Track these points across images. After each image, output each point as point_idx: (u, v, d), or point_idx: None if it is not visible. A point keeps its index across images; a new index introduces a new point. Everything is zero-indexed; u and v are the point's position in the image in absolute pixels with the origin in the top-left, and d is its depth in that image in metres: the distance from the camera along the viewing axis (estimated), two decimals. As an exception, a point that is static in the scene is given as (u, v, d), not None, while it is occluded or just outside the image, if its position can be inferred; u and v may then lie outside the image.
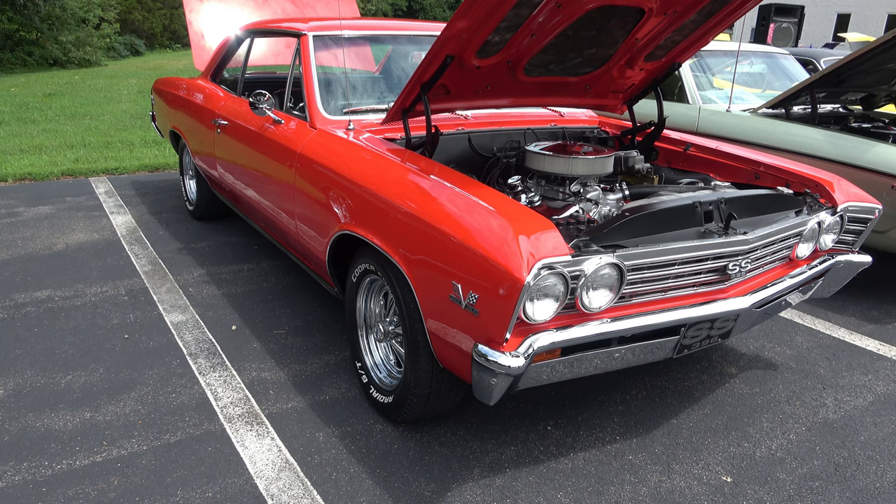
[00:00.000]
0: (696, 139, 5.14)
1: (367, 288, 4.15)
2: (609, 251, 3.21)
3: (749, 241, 3.66)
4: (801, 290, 4.22)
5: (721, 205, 3.73)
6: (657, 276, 3.44)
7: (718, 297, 3.66)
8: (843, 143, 6.03)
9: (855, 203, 4.31)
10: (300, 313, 5.38)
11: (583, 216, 3.83)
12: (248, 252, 6.70)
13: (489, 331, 3.06)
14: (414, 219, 3.45)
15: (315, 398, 4.26)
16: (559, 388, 4.44)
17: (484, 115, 5.07)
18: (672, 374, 4.70)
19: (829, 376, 4.78)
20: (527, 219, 3.17)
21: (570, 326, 3.17)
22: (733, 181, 4.65)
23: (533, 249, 2.97)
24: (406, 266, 3.48)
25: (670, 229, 3.52)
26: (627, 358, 3.43)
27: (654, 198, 3.88)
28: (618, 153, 4.64)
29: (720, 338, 3.80)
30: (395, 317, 3.99)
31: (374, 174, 3.90)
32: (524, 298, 2.93)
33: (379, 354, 4.19)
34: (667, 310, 3.46)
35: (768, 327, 5.49)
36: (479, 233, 3.11)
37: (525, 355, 3.00)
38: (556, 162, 4.18)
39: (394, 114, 4.25)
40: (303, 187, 4.55)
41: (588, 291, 3.18)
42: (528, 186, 4.25)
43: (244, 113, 5.63)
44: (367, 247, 3.96)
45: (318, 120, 4.70)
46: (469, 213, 3.25)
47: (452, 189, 3.46)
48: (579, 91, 4.69)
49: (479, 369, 3.06)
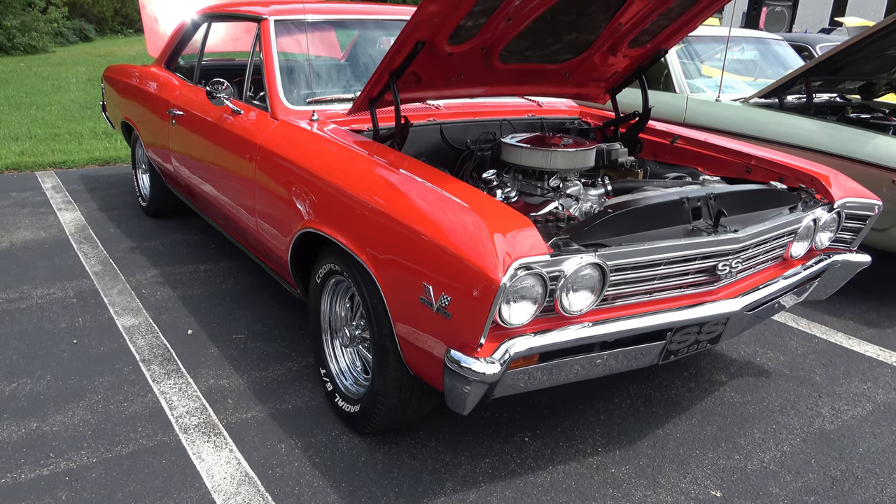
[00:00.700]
0: (683, 131, 5.16)
1: (331, 289, 4.13)
2: (590, 250, 3.20)
3: (740, 239, 3.66)
4: (796, 292, 4.23)
5: (710, 201, 3.72)
6: (642, 277, 3.43)
7: (707, 299, 3.66)
8: (841, 135, 6.04)
9: (853, 199, 4.33)
10: (260, 316, 5.37)
11: (562, 213, 3.82)
12: (205, 251, 6.69)
13: (462, 335, 3.04)
14: (382, 216, 3.43)
15: (276, 407, 4.24)
16: (537, 397, 4.43)
17: (457, 104, 5.06)
18: (658, 382, 4.70)
19: (825, 384, 4.80)
20: (502, 216, 3.17)
21: (549, 331, 3.16)
22: (723, 175, 4.66)
23: (509, 248, 2.96)
24: (374, 266, 3.47)
25: (656, 227, 3.50)
26: (610, 364, 3.42)
27: (639, 193, 3.89)
28: (600, 146, 4.62)
29: (709, 343, 3.80)
30: (362, 320, 3.97)
31: (339, 168, 3.89)
32: (500, 301, 2.92)
33: (345, 361, 4.18)
34: (652, 313, 3.46)
35: (760, 332, 5.50)
36: (452, 231, 3.10)
37: (501, 361, 2.99)
38: (534, 155, 4.18)
39: (360, 104, 4.23)
40: (263, 182, 4.54)
41: (568, 293, 3.17)
42: (503, 181, 4.25)
43: (201, 102, 5.61)
44: (332, 245, 3.94)
45: (279, 110, 4.69)
46: (441, 210, 3.24)
47: (423, 184, 3.45)
48: (559, 79, 4.69)
49: (452, 376, 3.05)
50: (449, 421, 4.17)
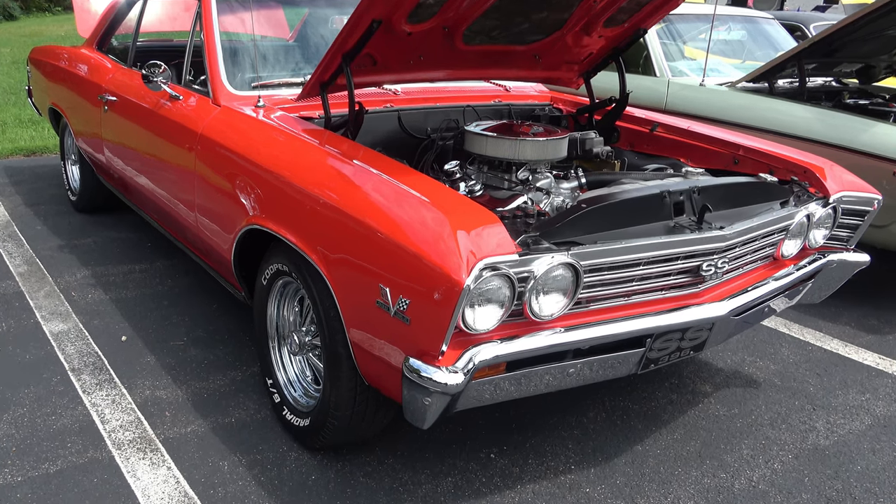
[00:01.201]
0: (664, 118, 5.19)
1: (279, 292, 4.11)
2: (562, 249, 3.18)
3: (726, 237, 3.65)
4: (788, 295, 4.25)
5: (693, 195, 3.72)
6: (619, 279, 3.42)
7: (691, 302, 3.66)
8: (837, 123, 6.07)
9: (850, 193, 4.34)
10: (201, 322, 5.36)
11: (532, 208, 3.81)
12: (141, 250, 6.65)
13: (422, 342, 3.03)
14: (334, 211, 3.42)
15: (219, 421, 4.22)
16: (504, 410, 4.41)
17: (416, 89, 5.04)
18: (636, 394, 4.69)
19: (819, 395, 4.81)
20: (466, 211, 3.16)
21: (518, 337, 3.15)
22: (708, 167, 4.67)
23: (473, 247, 2.95)
24: (325, 266, 3.45)
25: (634, 223, 3.50)
26: (584, 374, 3.41)
27: (616, 187, 3.89)
28: (573, 134, 4.63)
29: (692, 350, 3.80)
30: (313, 326, 3.95)
31: (287, 159, 3.88)
32: (463, 304, 2.90)
33: (293, 370, 4.15)
34: (630, 317, 3.45)
35: (749, 338, 5.52)
36: (411, 227, 3.09)
37: (464, 371, 2.98)
38: (501, 145, 4.16)
39: (311, 88, 4.22)
40: (204, 174, 4.52)
41: (538, 296, 3.15)
42: (467, 173, 4.24)
43: (136, 87, 5.57)
44: (279, 244, 3.91)
45: (222, 95, 4.67)
46: (399, 205, 3.23)
47: (379, 176, 3.45)
48: (528, 62, 4.70)
49: (411, 387, 3.04)
50: (408, 436, 4.14)
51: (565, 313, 3.28)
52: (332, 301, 3.47)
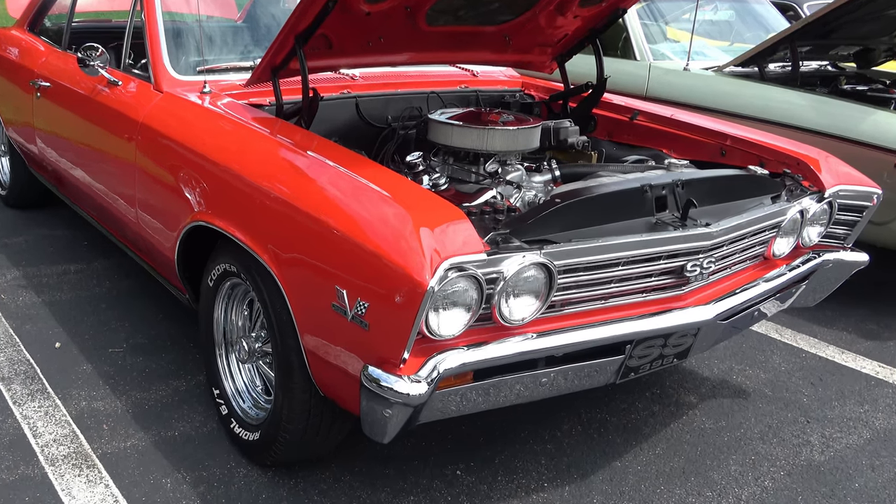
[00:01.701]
0: (645, 105, 5.24)
1: (226, 294, 4.10)
2: (534, 248, 3.17)
3: (712, 234, 3.65)
4: (780, 298, 4.27)
5: (677, 189, 3.73)
6: (596, 280, 3.42)
7: (674, 305, 3.67)
8: (833, 111, 6.09)
9: (847, 186, 4.37)
10: (142, 327, 5.34)
11: (501, 203, 3.79)
12: (77, 249, 6.61)
13: (382, 349, 3.02)
14: (286, 206, 3.41)
15: (161, 434, 4.20)
16: (472, 422, 4.38)
17: (376, 74, 5.04)
18: (615, 405, 4.70)
19: (814, 407, 4.82)
20: (430, 207, 3.17)
21: (486, 344, 3.14)
22: (692, 159, 4.69)
23: (438, 245, 2.93)
24: (276, 266, 3.44)
25: (612, 220, 3.49)
26: (558, 384, 3.40)
27: (592, 180, 3.92)
28: (546, 123, 4.66)
29: (676, 358, 3.81)
30: (263, 331, 3.95)
31: (235, 149, 3.87)
32: (427, 307, 2.88)
33: (242, 379, 4.14)
34: (608, 322, 3.46)
35: (737, 345, 5.53)
36: (370, 224, 3.09)
37: (428, 380, 2.96)
38: (468, 134, 4.16)
39: (261, 73, 4.20)
40: (145, 166, 4.50)
41: (508, 299, 3.15)
42: (431, 165, 4.23)
43: (71, 72, 5.53)
44: (227, 242, 3.88)
45: (164, 81, 4.65)
46: (357, 200, 3.22)
47: (336, 169, 3.44)
48: (497, 44, 4.71)
49: (370, 398, 3.02)
50: (367, 451, 4.13)
51: (537, 318, 3.27)
52: (284, 304, 3.45)
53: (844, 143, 5.79)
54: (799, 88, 6.53)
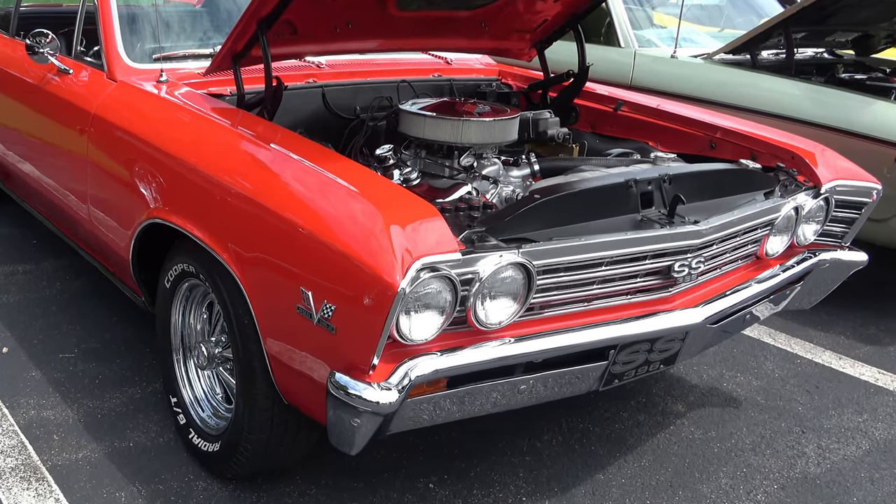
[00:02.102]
0: (630, 95, 5.27)
1: (185, 296, 4.10)
2: (512, 247, 3.16)
3: (702, 232, 3.65)
4: (773, 300, 4.28)
5: (664, 184, 3.73)
6: (577, 281, 3.41)
7: (660, 308, 3.67)
8: (829, 101, 6.10)
9: (845, 182, 4.38)
10: (94, 331, 5.32)
11: (477, 199, 3.79)
12: (25, 248, 6.60)
13: (350, 354, 3.02)
14: (248, 203, 3.40)
15: (115, 445, 4.18)
16: (446, 433, 4.40)
17: (344, 62, 5.03)
18: (598, 414, 4.70)
19: (810, 416, 4.83)
20: (401, 203, 3.17)
21: (460, 349, 3.14)
22: (680, 152, 4.70)
23: (409, 244, 2.93)
24: (237, 266, 3.42)
25: (595, 217, 3.50)
26: (538, 391, 3.40)
27: (574, 175, 3.91)
28: (524, 114, 4.67)
29: (663, 364, 3.82)
30: (224, 335, 3.92)
31: (194, 142, 3.87)
32: (398, 310, 2.88)
33: (201, 386, 4.14)
34: (591, 326, 3.45)
35: (728, 350, 5.55)
36: (337, 222, 3.08)
37: (399, 387, 2.95)
38: (441, 126, 4.15)
39: (221, 61, 4.20)
40: (98, 160, 4.49)
41: (484, 301, 3.14)
42: (402, 159, 4.24)
43: (19, 60, 5.51)
44: (185, 240, 3.86)
45: (118, 69, 4.62)
46: (323, 196, 3.23)
47: (301, 163, 3.44)
48: (472, 30, 4.73)
49: (337, 406, 3.02)
50: (334, 463, 4.12)
51: (515, 321, 3.26)
52: (246, 307, 3.44)
53: (842, 136, 5.80)
54: (793, 77, 6.54)
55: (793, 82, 6.41)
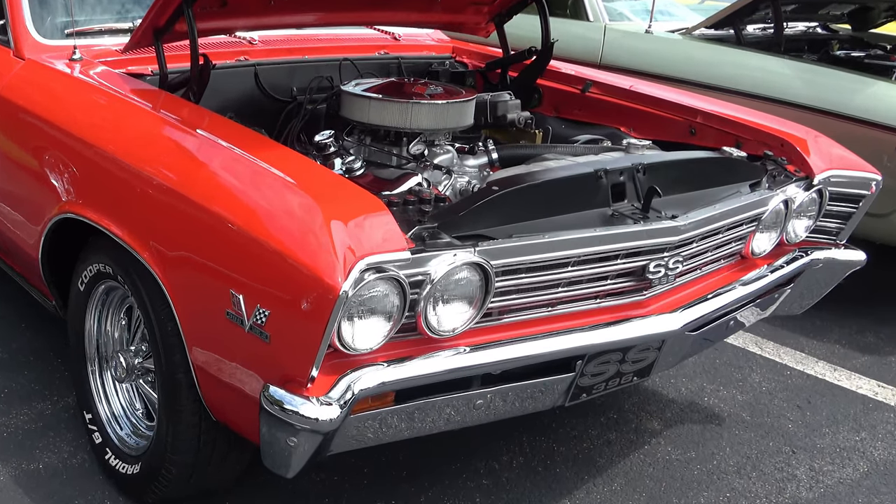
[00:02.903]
0: (600, 75, 5.30)
1: (101, 300, 4.07)
2: (468, 245, 3.15)
3: (680, 229, 3.65)
4: (760, 304, 4.30)
5: (637, 174, 3.74)
6: (541, 283, 3.41)
7: (634, 314, 3.67)
8: (823, 81, 6.13)
9: (840, 172, 4.41)
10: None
11: (428, 191, 3.73)
12: None
13: (286, 365, 3.00)
14: (172, 195, 3.36)
15: (22, 467, 4.17)
16: (393, 453, 4.40)
17: (279, 38, 5.05)
18: (564, 432, 4.70)
19: (801, 434, 4.85)
20: (343, 196, 3.17)
21: (410, 359, 3.12)
22: (656, 138, 4.72)
23: (353, 242, 2.91)
24: (160, 267, 3.40)
25: (561, 212, 3.50)
26: (496, 407, 3.40)
27: (536, 164, 3.94)
28: (481, 96, 4.70)
29: (636, 376, 3.83)
30: (145, 344, 3.90)
31: (111, 127, 3.84)
32: (339, 316, 2.86)
33: (119, 401, 4.12)
34: (556, 334, 3.45)
35: (709, 360, 5.57)
36: (271, 217, 3.07)
37: (340, 402, 2.93)
38: (388, 109, 4.15)
39: (141, 37, 4.18)
40: (3, 148, 4.48)
41: (436, 306, 3.13)
42: (344, 146, 4.26)
43: None
44: (101, 238, 3.83)
45: (26, 46, 4.59)
46: (256, 188, 3.21)
47: (230, 150, 3.41)
48: (423, 2, 4.76)
49: (272, 424, 3.00)
50: (268, 486, 4.11)
51: (471, 328, 3.26)
52: (170, 312, 3.42)
53: (837, 120, 5.83)
54: (783, 55, 6.57)
55: (782, 60, 6.43)
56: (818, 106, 5.97)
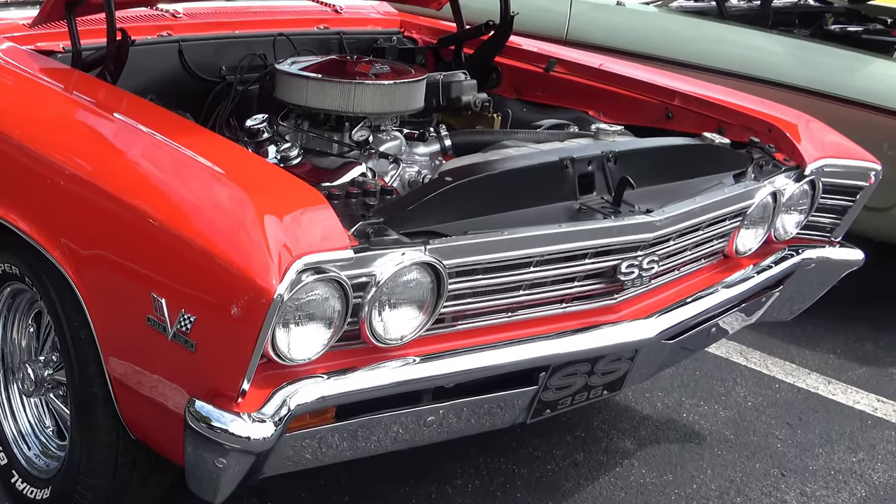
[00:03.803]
0: (566, 52, 5.27)
1: (6, 304, 4.08)
2: (418, 243, 3.16)
3: (655, 224, 3.66)
4: (745, 309, 4.32)
5: (608, 163, 3.75)
6: (499, 286, 3.42)
7: (604, 320, 3.68)
8: (816, 59, 6.15)
9: (835, 161, 4.43)
10: None
11: (373, 183, 3.77)
12: None
13: (214, 377, 2.99)
14: (86, 187, 3.33)
15: None
16: (334, 476, 4.39)
17: (206, 11, 5.08)
18: (525, 452, 4.71)
19: (791, 455, 4.87)
20: (278, 187, 3.18)
21: (353, 370, 3.12)
22: (629, 123, 4.73)
23: (289, 239, 2.91)
24: (72, 268, 3.37)
25: (522, 206, 3.50)
26: (450, 424, 3.42)
27: (494, 152, 3.94)
28: (433, 76, 4.70)
29: (606, 390, 3.84)
30: (56, 354, 3.87)
31: (17, 111, 3.83)
32: (274, 322, 2.84)
33: (28, 418, 4.11)
34: (516, 342, 3.45)
35: (688, 372, 5.59)
36: (198, 211, 3.07)
37: (275, 419, 2.93)
38: (329, 91, 4.15)
39: (52, 9, 4.16)
40: None
41: (382, 311, 3.14)
42: (280, 132, 4.26)
43: None
44: (6, 235, 3.77)
45: None
46: (180, 179, 3.21)
47: (151, 137, 3.40)
48: None
49: (197, 443, 2.98)
50: None
51: (421, 336, 3.26)
52: (84, 318, 3.39)
53: (831, 103, 5.85)
54: (771, 30, 6.58)
55: (770, 36, 6.46)
56: (810, 87, 5.98)
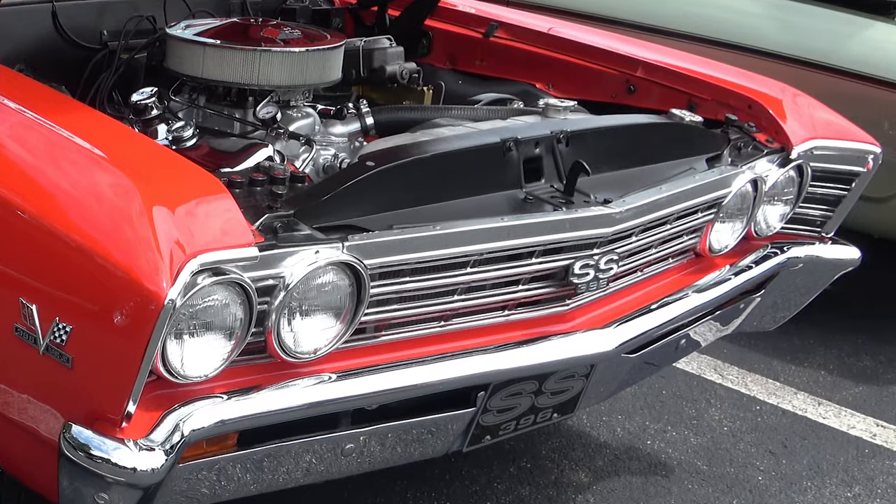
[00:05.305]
0: (509, 14, 5.25)
1: None
2: (334, 239, 3.18)
3: (614, 217, 3.67)
4: (720, 318, 4.36)
5: (559, 145, 3.78)
6: (430, 290, 3.45)
7: (553, 329, 3.70)
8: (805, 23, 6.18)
9: (827, 142, 4.46)
10: None
11: (282, 168, 3.74)
12: None
13: (94, 397, 2.98)
14: None
15: None
16: None
17: None
18: (460, 485, 4.73)
19: (774, 489, 4.89)
20: (169, 174, 3.20)
21: (258, 389, 3.13)
22: (584, 98, 4.76)
23: (181, 235, 2.91)
24: None
25: (457, 196, 3.53)
26: (372, 453, 3.43)
27: (424, 132, 3.96)
28: (352, 42, 4.69)
29: (556, 412, 3.88)
30: None
31: None
32: (164, 332, 2.84)
33: None
34: (450, 356, 3.48)
35: (654, 392, 5.60)
36: (74, 202, 3.06)
37: (166, 446, 2.92)
38: (229, 59, 4.17)
39: None
40: None
41: (292, 319, 3.16)
42: (171, 109, 4.25)
43: None
44: None
45: None
46: (54, 163, 3.21)
47: (20, 114, 3.42)
48: None
49: (74, 475, 2.97)
50: None
51: (339, 349, 3.28)
52: (-61, 327, 3.40)
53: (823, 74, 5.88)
54: None
55: None
56: (798, 55, 6.00)
